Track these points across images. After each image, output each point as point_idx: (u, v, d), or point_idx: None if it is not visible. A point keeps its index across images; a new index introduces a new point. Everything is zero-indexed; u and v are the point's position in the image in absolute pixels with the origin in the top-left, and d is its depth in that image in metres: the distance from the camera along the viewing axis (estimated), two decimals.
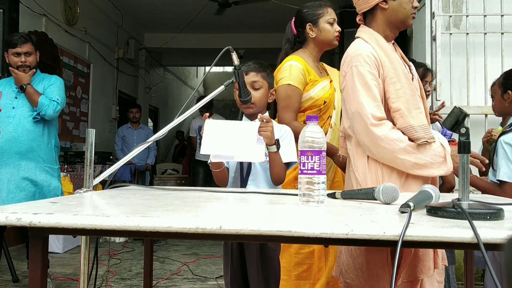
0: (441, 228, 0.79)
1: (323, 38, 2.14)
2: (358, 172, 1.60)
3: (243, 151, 1.52)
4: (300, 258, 2.08)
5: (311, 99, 2.10)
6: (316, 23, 2.14)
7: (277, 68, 2.14)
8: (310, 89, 2.10)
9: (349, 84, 1.59)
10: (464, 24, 3.34)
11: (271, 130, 1.57)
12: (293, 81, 2.06)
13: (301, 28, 2.18)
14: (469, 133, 0.99)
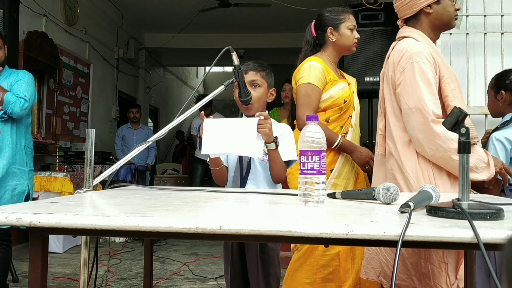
0: (441, 228, 0.79)
1: (342, 43, 2.17)
2: (408, 172, 1.60)
3: (242, 146, 1.52)
4: (325, 260, 2.06)
5: (331, 98, 2.13)
6: (337, 28, 2.16)
7: (296, 69, 2.18)
8: (330, 88, 2.13)
9: (409, 79, 1.60)
10: (464, 24, 3.34)
11: (269, 127, 1.57)
12: (313, 80, 2.08)
13: (322, 31, 2.20)
14: (469, 133, 0.99)
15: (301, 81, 2.10)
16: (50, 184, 4.25)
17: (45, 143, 4.72)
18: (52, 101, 5.27)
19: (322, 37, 2.21)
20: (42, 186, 4.23)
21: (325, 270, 2.06)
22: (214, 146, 1.54)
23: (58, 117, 5.37)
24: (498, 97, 2.24)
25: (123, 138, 5.97)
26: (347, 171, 2.17)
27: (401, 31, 1.79)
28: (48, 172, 4.39)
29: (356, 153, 2.13)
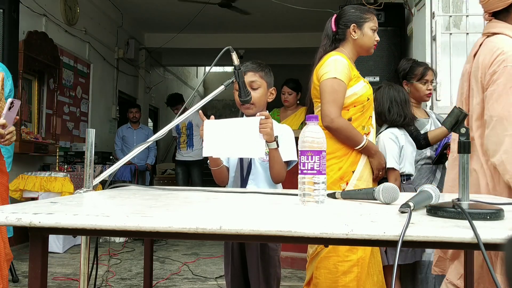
0: (441, 228, 0.79)
1: (363, 42, 2.10)
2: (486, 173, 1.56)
3: (244, 147, 1.50)
4: (347, 267, 1.95)
5: (355, 95, 2.03)
6: (361, 26, 2.09)
7: (318, 64, 2.08)
8: (354, 85, 2.04)
9: (499, 85, 1.51)
10: (464, 24, 3.34)
11: (270, 127, 1.57)
12: (339, 74, 1.98)
13: (344, 26, 2.11)
14: (469, 133, 0.99)
15: (327, 75, 1.99)
16: (50, 184, 4.25)
17: (45, 143, 4.72)
18: (52, 101, 5.27)
19: (343, 33, 2.12)
20: (42, 186, 4.23)
21: (346, 277, 1.95)
22: (215, 148, 1.53)
23: (58, 117, 5.37)
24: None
25: (123, 138, 5.97)
26: (368, 173, 2.08)
27: (490, 25, 1.65)
28: (48, 172, 4.39)
29: (377, 156, 2.06)
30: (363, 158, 2.06)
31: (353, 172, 2.03)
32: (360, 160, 2.05)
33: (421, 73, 2.60)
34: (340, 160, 2.02)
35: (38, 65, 4.80)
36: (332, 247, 1.94)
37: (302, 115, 4.16)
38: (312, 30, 8.12)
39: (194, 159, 5.54)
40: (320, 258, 2.01)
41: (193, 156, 5.54)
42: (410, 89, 2.64)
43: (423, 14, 3.43)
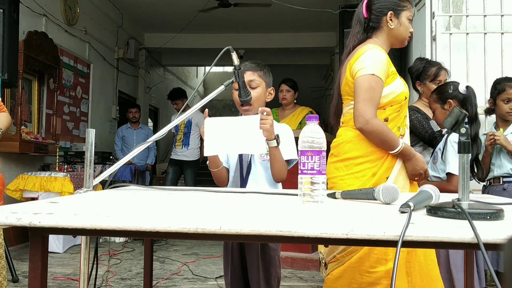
0: (441, 228, 0.79)
1: (400, 33, 1.89)
2: None
3: (246, 144, 1.50)
4: (374, 278, 1.73)
5: (392, 94, 1.83)
6: (399, 14, 1.87)
7: (353, 58, 1.85)
8: (391, 83, 1.84)
9: None
10: (464, 24, 3.34)
11: (270, 124, 1.57)
12: (378, 71, 1.77)
13: (379, 13, 1.89)
14: (469, 133, 0.99)
15: (364, 71, 1.77)
16: (50, 184, 4.25)
17: (45, 143, 4.72)
18: (52, 101, 5.27)
19: (377, 21, 1.89)
20: (42, 186, 4.23)
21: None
22: (217, 146, 1.52)
23: (58, 117, 5.37)
24: (446, 106, 2.31)
25: (123, 138, 5.96)
26: (402, 178, 1.85)
27: None
28: (48, 172, 4.39)
29: (414, 161, 1.83)
30: (398, 162, 1.84)
31: (387, 179, 1.81)
32: (395, 165, 1.84)
33: (434, 73, 2.61)
34: (374, 165, 1.81)
35: (38, 65, 4.80)
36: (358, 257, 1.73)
37: (301, 114, 4.16)
38: (312, 30, 8.13)
39: (189, 159, 5.34)
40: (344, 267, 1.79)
41: (188, 156, 5.34)
42: (423, 89, 2.64)
43: (423, 14, 3.43)
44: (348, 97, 1.89)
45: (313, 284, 3.35)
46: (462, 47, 3.30)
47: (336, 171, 1.85)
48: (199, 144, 5.41)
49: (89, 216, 0.85)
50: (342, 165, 1.84)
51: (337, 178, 1.84)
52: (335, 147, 1.90)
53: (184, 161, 5.37)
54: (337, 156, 1.87)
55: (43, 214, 0.85)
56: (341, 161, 1.85)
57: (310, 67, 10.60)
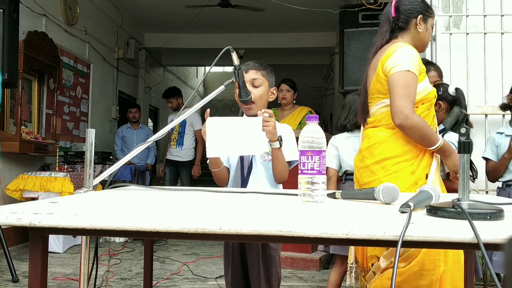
0: (441, 228, 0.79)
1: (425, 37, 1.93)
2: None
3: (248, 145, 1.49)
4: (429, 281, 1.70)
5: (424, 91, 1.84)
6: (426, 20, 1.90)
7: (384, 55, 1.83)
8: (423, 80, 1.85)
9: None
10: (464, 24, 3.34)
11: (273, 125, 1.57)
12: (413, 67, 1.77)
13: (408, 15, 1.89)
14: (469, 133, 0.99)
15: (399, 68, 1.76)
16: (50, 184, 4.25)
17: (45, 143, 4.72)
18: (52, 101, 5.27)
19: (406, 22, 1.89)
20: (42, 186, 4.23)
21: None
22: (219, 147, 1.51)
23: (58, 117, 5.37)
24: (436, 108, 2.27)
25: (123, 138, 5.96)
26: (438, 176, 1.84)
27: None
28: (48, 172, 4.39)
29: (454, 155, 1.81)
30: (435, 159, 1.84)
31: (427, 176, 1.79)
32: (432, 163, 1.83)
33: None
34: (411, 163, 1.79)
35: (38, 65, 4.80)
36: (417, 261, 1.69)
37: (300, 114, 4.15)
38: (312, 30, 8.13)
39: (184, 159, 5.28)
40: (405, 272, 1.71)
41: (183, 157, 5.28)
42: None
43: None
44: (379, 96, 1.86)
45: (313, 284, 3.35)
46: (462, 47, 3.30)
47: (373, 174, 1.80)
48: (193, 144, 5.37)
49: (89, 216, 0.85)
50: (378, 167, 1.80)
51: (376, 181, 1.76)
52: (366, 149, 1.86)
53: (179, 162, 5.31)
54: (371, 158, 1.83)
55: (43, 214, 0.85)
56: (376, 163, 1.81)
57: (310, 67, 10.60)
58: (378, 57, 1.86)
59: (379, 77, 1.84)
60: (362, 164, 1.86)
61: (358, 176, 1.92)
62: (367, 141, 1.87)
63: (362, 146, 1.90)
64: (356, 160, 1.95)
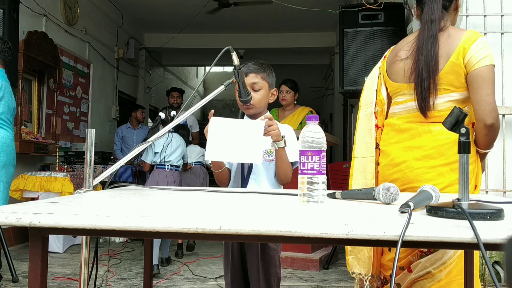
0: (441, 228, 0.79)
1: (456, 19, 1.77)
2: None
3: (246, 152, 1.48)
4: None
5: None
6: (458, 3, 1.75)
7: (461, 42, 1.62)
8: None
9: None
10: (464, 24, 3.33)
11: (277, 127, 1.58)
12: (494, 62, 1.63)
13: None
14: (469, 133, 0.99)
15: (488, 61, 1.60)
16: (50, 184, 4.25)
17: (45, 143, 4.72)
18: (52, 101, 5.27)
19: (450, 1, 1.72)
20: (42, 186, 4.23)
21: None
22: (218, 152, 1.50)
23: (58, 117, 5.37)
24: None
25: (123, 138, 5.96)
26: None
27: None
28: (48, 172, 4.39)
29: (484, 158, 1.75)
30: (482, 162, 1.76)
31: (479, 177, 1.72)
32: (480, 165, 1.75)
33: None
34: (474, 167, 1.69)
35: (38, 65, 4.80)
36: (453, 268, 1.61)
37: (301, 115, 4.15)
38: (312, 30, 8.13)
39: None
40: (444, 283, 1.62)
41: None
42: None
43: None
44: (449, 88, 1.66)
45: (313, 284, 3.35)
46: None
47: (441, 177, 1.63)
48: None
49: (89, 216, 0.85)
50: (448, 169, 1.63)
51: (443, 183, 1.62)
52: (435, 147, 1.65)
53: None
54: (440, 158, 1.64)
55: (43, 214, 0.85)
56: (447, 165, 1.64)
57: (310, 67, 10.60)
58: (448, 44, 1.64)
59: (457, 66, 1.62)
60: (425, 164, 1.66)
61: (410, 176, 1.68)
62: (435, 138, 1.65)
63: (424, 143, 1.67)
64: (409, 157, 1.69)
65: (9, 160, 2.89)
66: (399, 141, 1.74)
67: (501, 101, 3.21)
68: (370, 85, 1.92)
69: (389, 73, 1.82)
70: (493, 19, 3.30)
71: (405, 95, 1.75)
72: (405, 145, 1.72)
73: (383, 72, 1.87)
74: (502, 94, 3.22)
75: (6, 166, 2.87)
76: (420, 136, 1.69)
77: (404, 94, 1.76)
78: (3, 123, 2.88)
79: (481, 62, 1.59)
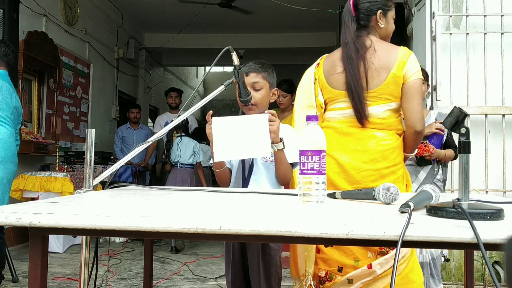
0: (441, 228, 0.79)
1: (387, 32, 1.91)
2: None
3: (254, 146, 1.47)
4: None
5: None
6: (386, 14, 1.88)
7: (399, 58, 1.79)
8: None
9: None
10: (464, 24, 3.34)
11: (278, 125, 1.57)
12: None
13: (368, 13, 1.87)
14: (469, 133, 0.99)
15: (419, 75, 1.79)
16: (50, 184, 4.25)
17: (45, 143, 4.72)
18: (52, 101, 5.27)
19: (367, 19, 1.87)
20: (42, 186, 4.23)
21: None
22: (226, 151, 1.48)
23: (58, 117, 5.37)
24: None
25: (123, 138, 5.95)
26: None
27: None
28: (48, 172, 4.39)
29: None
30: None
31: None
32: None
33: None
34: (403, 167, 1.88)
35: (38, 65, 4.80)
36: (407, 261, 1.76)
37: None
38: (312, 30, 8.13)
39: None
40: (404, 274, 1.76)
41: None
42: None
43: (423, 14, 3.43)
44: (389, 98, 1.80)
45: None
46: (462, 47, 3.30)
47: (383, 179, 1.75)
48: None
49: (89, 216, 0.85)
50: (389, 171, 1.79)
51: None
52: (380, 152, 1.79)
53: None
54: (384, 162, 1.79)
55: (43, 214, 0.85)
56: (387, 168, 1.79)
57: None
58: (387, 58, 1.79)
59: (397, 78, 1.77)
60: (372, 166, 1.78)
61: (357, 177, 1.79)
62: (379, 144, 1.80)
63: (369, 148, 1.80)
64: (356, 160, 1.79)
65: (7, 156, 2.89)
66: (343, 144, 1.83)
67: (501, 101, 3.21)
68: (305, 90, 2.00)
69: (329, 82, 1.91)
70: (493, 19, 3.30)
71: (345, 102, 1.86)
72: (351, 148, 1.82)
73: (320, 79, 1.94)
74: (502, 94, 3.22)
75: (4, 162, 2.86)
76: (365, 140, 1.81)
77: (344, 101, 1.86)
78: (2, 120, 2.89)
79: (415, 75, 1.78)
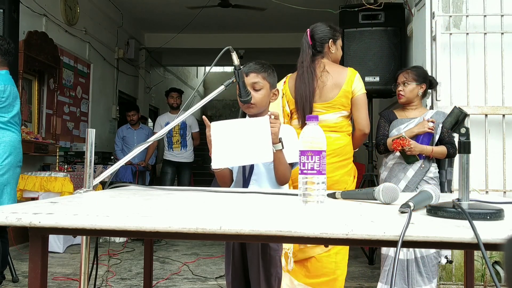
0: (441, 228, 0.79)
1: (337, 56, 2.47)
2: None
3: (254, 152, 1.44)
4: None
5: None
6: (336, 42, 2.44)
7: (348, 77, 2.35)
8: None
9: None
10: (464, 24, 3.33)
11: (278, 127, 1.57)
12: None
13: (322, 42, 2.41)
14: (469, 133, 0.99)
15: (363, 90, 2.37)
16: (50, 184, 4.25)
17: (45, 143, 4.72)
18: (52, 101, 5.27)
19: (322, 47, 2.42)
20: (42, 186, 4.23)
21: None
22: (225, 157, 1.46)
23: (58, 117, 5.37)
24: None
25: (123, 138, 5.94)
26: None
27: None
28: (48, 172, 4.39)
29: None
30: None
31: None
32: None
33: (396, 77, 2.78)
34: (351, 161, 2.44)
35: (38, 65, 4.80)
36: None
37: None
38: None
39: (186, 160, 5.45)
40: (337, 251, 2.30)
41: (187, 158, 5.45)
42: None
43: (423, 14, 3.43)
44: (341, 107, 2.35)
45: None
46: (462, 47, 3.30)
47: (336, 170, 2.31)
48: (193, 145, 5.55)
49: (89, 216, 0.85)
50: (339, 165, 2.34)
51: (337, 176, 2.33)
52: (337, 149, 2.33)
53: (182, 163, 5.47)
54: (337, 157, 2.34)
55: (43, 214, 0.85)
56: (338, 162, 2.33)
57: None
58: (338, 78, 2.34)
59: (347, 92, 2.33)
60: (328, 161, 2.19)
61: None
62: (337, 143, 2.34)
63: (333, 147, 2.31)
64: None
65: (16, 161, 2.98)
66: None
67: (501, 101, 3.21)
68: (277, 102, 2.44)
69: (293, 96, 2.43)
70: (493, 19, 3.30)
71: None
72: None
73: (287, 93, 2.47)
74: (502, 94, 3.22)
75: (14, 167, 2.95)
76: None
77: None
78: (12, 125, 2.96)
79: (361, 91, 2.36)
